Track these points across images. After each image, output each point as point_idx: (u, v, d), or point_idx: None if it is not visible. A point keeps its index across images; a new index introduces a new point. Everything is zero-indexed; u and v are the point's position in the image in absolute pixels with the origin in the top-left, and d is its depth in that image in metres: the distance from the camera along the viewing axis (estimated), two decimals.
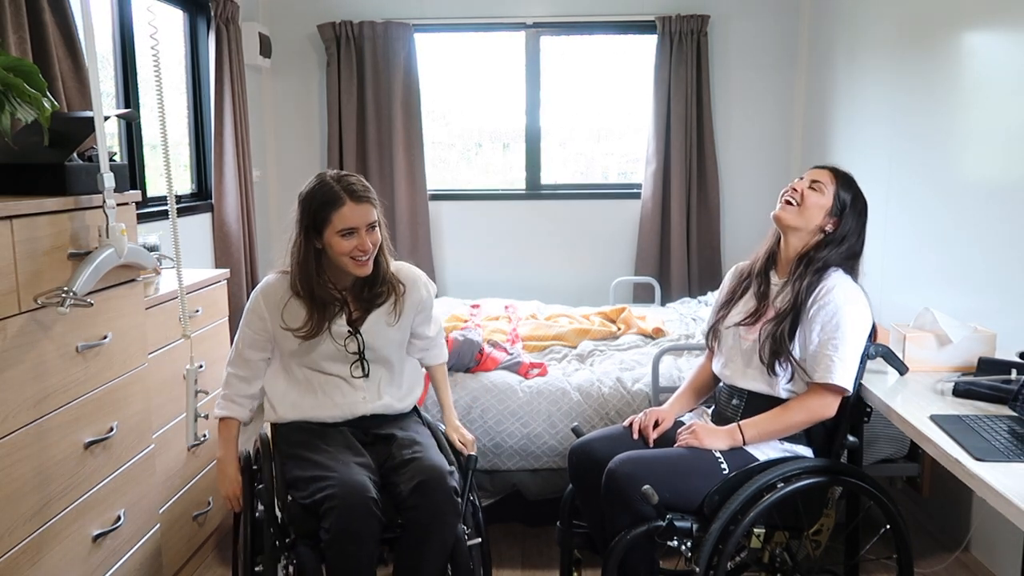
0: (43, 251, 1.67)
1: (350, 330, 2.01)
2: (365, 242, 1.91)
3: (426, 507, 1.82)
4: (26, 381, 1.64)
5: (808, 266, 2.02)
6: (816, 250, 2.03)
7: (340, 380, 2.04)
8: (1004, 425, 1.74)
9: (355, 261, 1.93)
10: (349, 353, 2.02)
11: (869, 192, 2.13)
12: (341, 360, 2.03)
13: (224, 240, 3.77)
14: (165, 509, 2.34)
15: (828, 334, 1.94)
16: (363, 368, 2.05)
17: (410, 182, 4.47)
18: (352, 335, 2.01)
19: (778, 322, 2.01)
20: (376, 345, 2.04)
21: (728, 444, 1.98)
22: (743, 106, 4.52)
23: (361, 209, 1.91)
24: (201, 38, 3.78)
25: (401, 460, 1.91)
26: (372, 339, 2.04)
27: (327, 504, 1.75)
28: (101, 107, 1.73)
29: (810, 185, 2.05)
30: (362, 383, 2.06)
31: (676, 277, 4.48)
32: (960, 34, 2.79)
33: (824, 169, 2.09)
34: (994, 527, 2.54)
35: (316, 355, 2.01)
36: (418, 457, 1.91)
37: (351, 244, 1.91)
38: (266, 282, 2.05)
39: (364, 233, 1.92)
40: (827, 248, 2.03)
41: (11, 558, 1.60)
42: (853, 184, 2.08)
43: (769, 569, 2.03)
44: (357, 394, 2.05)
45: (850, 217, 2.04)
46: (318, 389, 2.04)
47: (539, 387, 2.73)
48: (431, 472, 1.85)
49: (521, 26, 4.51)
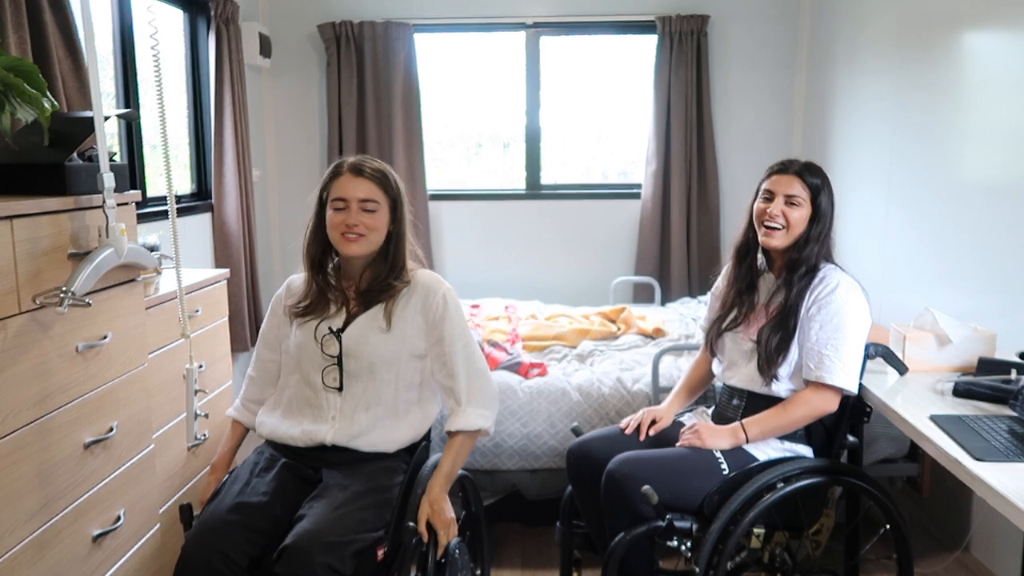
0: (43, 251, 1.67)
1: (332, 329, 1.87)
2: (353, 217, 1.82)
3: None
4: (26, 381, 1.64)
5: (794, 270, 2.01)
6: (800, 250, 2.01)
7: (314, 395, 1.88)
8: (1004, 425, 1.74)
9: (344, 238, 1.83)
10: (325, 355, 1.86)
11: (869, 192, 2.13)
12: (316, 366, 1.88)
13: (224, 240, 3.77)
14: (165, 509, 2.34)
15: (829, 334, 1.94)
16: (339, 379, 1.85)
17: (410, 182, 4.47)
18: (333, 335, 1.86)
19: (772, 331, 2.01)
20: (358, 351, 1.84)
21: (731, 443, 1.98)
22: (743, 106, 4.52)
23: (356, 182, 1.84)
24: (201, 38, 3.78)
25: (297, 515, 1.70)
26: (355, 343, 1.85)
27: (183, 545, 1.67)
28: (101, 107, 1.72)
29: (787, 202, 2.01)
30: (335, 400, 1.86)
31: (676, 277, 4.48)
32: (960, 34, 2.79)
33: (789, 176, 2.02)
34: (994, 527, 2.54)
35: (299, 354, 1.91)
36: (305, 515, 1.67)
37: (340, 218, 1.83)
38: (291, 277, 2.04)
39: (355, 208, 1.83)
40: (808, 245, 2.01)
41: (11, 558, 1.60)
42: (816, 172, 2.03)
43: (769, 569, 2.03)
44: (327, 414, 1.87)
45: (827, 208, 2.03)
46: (293, 404, 1.92)
47: (539, 387, 2.73)
48: (300, 538, 1.59)
49: (521, 26, 4.50)
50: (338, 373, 1.86)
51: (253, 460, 1.91)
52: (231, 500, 1.74)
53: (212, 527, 1.66)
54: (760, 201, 2.05)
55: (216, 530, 1.66)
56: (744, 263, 2.15)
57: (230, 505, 1.72)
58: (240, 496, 1.75)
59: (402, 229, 1.92)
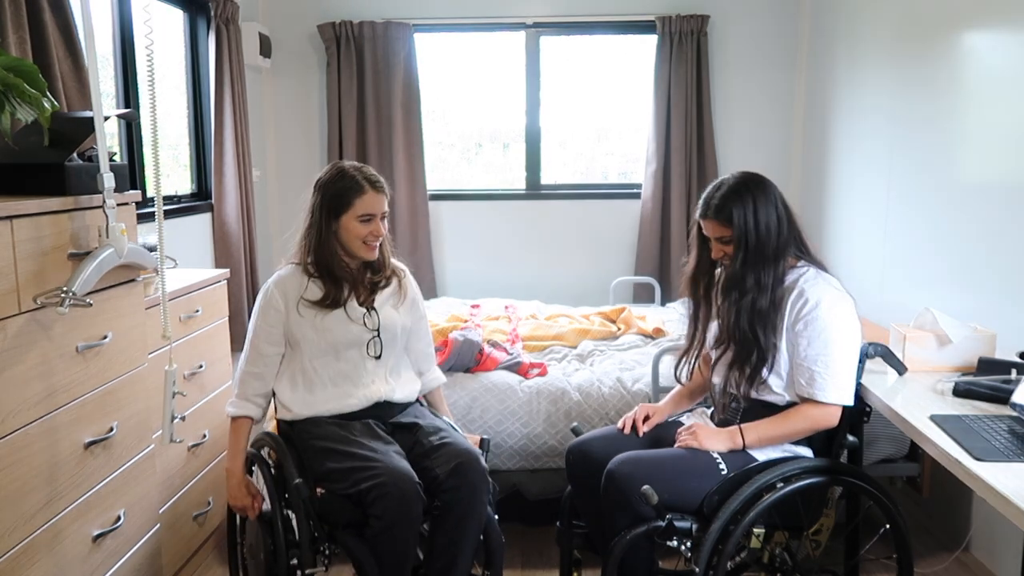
0: (43, 251, 1.67)
1: (365, 309, 2.12)
2: (379, 228, 2.09)
3: (466, 487, 1.93)
4: (26, 381, 1.64)
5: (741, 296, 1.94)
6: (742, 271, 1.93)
7: (352, 368, 2.10)
8: (1004, 425, 1.74)
9: (367, 245, 2.09)
10: (368, 330, 2.11)
11: (869, 192, 2.12)
12: (357, 342, 2.10)
13: (224, 240, 3.77)
14: (165, 509, 2.35)
15: (818, 350, 1.92)
16: (379, 347, 2.12)
17: (410, 182, 4.47)
18: (369, 312, 2.12)
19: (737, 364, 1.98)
20: (388, 325, 2.14)
21: (728, 447, 1.97)
22: (743, 106, 4.52)
23: (379, 198, 2.10)
24: (201, 38, 3.78)
25: (431, 446, 2.02)
26: (385, 318, 2.14)
27: (376, 492, 1.84)
28: (101, 107, 1.73)
29: (717, 241, 1.98)
30: (376, 367, 2.13)
31: (676, 277, 4.47)
32: (960, 34, 2.79)
33: (707, 221, 1.97)
34: (994, 527, 2.54)
35: (333, 338, 2.07)
36: (449, 442, 2.02)
37: (367, 229, 2.08)
38: (278, 275, 2.14)
39: (379, 220, 2.09)
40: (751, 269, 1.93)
41: (11, 558, 1.60)
42: (737, 197, 1.93)
43: (769, 569, 2.03)
44: (371, 378, 2.12)
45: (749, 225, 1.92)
46: (329, 382, 2.09)
47: (539, 387, 2.73)
48: (466, 455, 1.97)
49: (521, 26, 4.50)
50: (377, 343, 2.13)
51: (330, 431, 2.04)
52: (383, 447, 1.97)
53: (398, 466, 1.89)
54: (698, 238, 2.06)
55: (403, 468, 1.90)
56: (697, 291, 2.12)
57: (392, 451, 1.97)
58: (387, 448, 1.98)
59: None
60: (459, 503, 1.94)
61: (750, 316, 1.95)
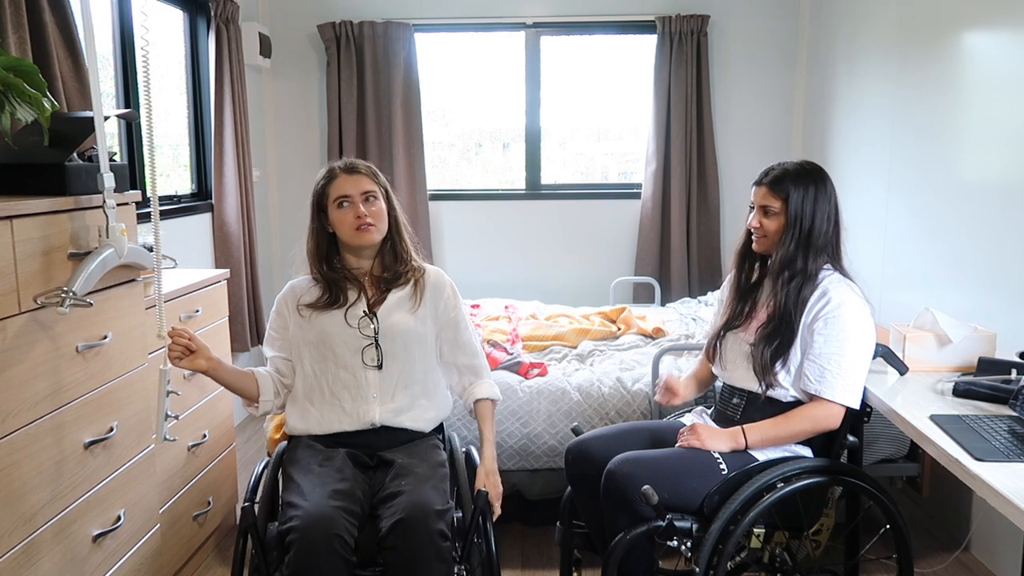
0: (43, 251, 1.67)
1: (365, 311, 2.02)
2: (359, 208, 1.99)
3: (403, 549, 1.69)
4: (26, 381, 1.64)
5: (791, 279, 1.99)
6: (783, 254, 1.99)
7: (351, 377, 1.99)
8: (1004, 425, 1.74)
9: (358, 230, 2.00)
10: (363, 335, 1.99)
11: (869, 191, 2.13)
12: (354, 348, 1.99)
13: (224, 240, 3.77)
14: (165, 509, 2.35)
15: (834, 348, 1.93)
16: (377, 356, 1.99)
17: (410, 182, 4.47)
18: (367, 316, 2.01)
19: (766, 341, 2.00)
20: (393, 331, 2.00)
21: (730, 447, 1.97)
22: (743, 106, 4.52)
23: (354, 179, 2.02)
24: (201, 38, 3.78)
25: (388, 492, 1.81)
26: (388, 322, 2.01)
27: (289, 537, 1.67)
28: (101, 107, 1.72)
29: (763, 212, 2.01)
30: (378, 380, 1.99)
31: (676, 277, 4.48)
32: (960, 34, 2.79)
33: (760, 188, 2.02)
34: (994, 527, 2.54)
35: (329, 340, 2.00)
36: (404, 491, 1.78)
37: (350, 213, 1.99)
38: (290, 283, 2.13)
39: (359, 200, 2.00)
40: (785, 248, 1.98)
41: (11, 558, 1.60)
42: (791, 179, 1.99)
43: (769, 569, 2.03)
44: (368, 392, 1.99)
45: (804, 212, 1.98)
46: (327, 390, 2.01)
47: (539, 387, 2.73)
48: (412, 510, 1.71)
49: (521, 26, 4.51)
50: (376, 352, 2.00)
51: (306, 456, 1.93)
52: (322, 489, 1.78)
53: (321, 514, 1.70)
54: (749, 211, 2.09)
55: (325, 516, 1.70)
56: (744, 266, 2.15)
57: (328, 493, 1.77)
58: (328, 485, 1.80)
59: (397, 214, 2.10)
60: (395, 567, 1.71)
61: (795, 299, 1.97)
